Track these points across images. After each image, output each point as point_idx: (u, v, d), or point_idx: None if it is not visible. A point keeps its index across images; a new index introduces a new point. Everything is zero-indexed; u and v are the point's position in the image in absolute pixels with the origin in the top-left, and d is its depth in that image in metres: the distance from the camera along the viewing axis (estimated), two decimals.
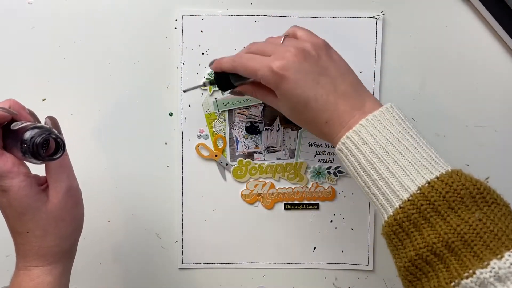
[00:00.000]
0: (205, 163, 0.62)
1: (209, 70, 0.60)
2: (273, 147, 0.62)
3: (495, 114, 0.63)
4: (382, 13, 0.60)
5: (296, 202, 0.62)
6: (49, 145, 0.41)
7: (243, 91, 0.53)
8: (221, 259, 0.63)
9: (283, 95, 0.46)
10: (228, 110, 0.61)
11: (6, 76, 0.60)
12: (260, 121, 0.61)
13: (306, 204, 0.62)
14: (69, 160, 0.45)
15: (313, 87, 0.45)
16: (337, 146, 0.45)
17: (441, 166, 0.41)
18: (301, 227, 0.63)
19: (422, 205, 0.39)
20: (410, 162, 0.41)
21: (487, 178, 0.46)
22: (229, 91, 0.55)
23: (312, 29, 0.60)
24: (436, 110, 0.62)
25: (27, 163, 0.43)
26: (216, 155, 0.61)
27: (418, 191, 0.39)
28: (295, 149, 0.62)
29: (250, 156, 0.62)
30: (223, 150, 0.62)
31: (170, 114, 0.61)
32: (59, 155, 0.41)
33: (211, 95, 0.61)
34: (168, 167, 0.62)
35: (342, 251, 0.63)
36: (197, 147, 0.61)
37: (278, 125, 0.62)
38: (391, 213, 0.41)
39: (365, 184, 0.44)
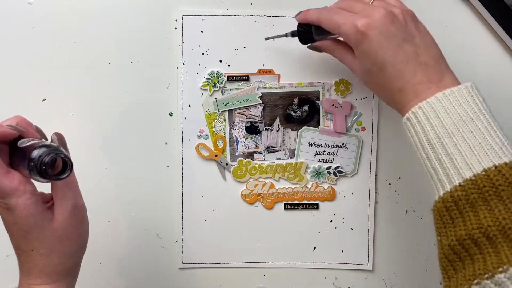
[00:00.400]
0: (205, 163, 0.62)
1: (209, 70, 0.60)
2: (273, 147, 0.62)
3: (495, 114, 0.62)
4: None
5: (296, 202, 0.62)
6: (55, 164, 0.40)
7: (322, 47, 0.53)
8: (221, 259, 0.63)
9: (362, 54, 0.45)
10: (228, 110, 0.61)
11: (6, 76, 0.60)
12: (260, 121, 0.61)
13: (306, 204, 0.63)
14: (75, 178, 0.45)
15: (394, 51, 0.44)
16: (406, 114, 0.44)
17: (510, 152, 0.39)
18: (301, 227, 0.63)
19: (484, 186, 0.38)
20: (480, 143, 0.39)
21: None
22: (309, 45, 0.55)
23: None
24: None
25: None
26: (216, 155, 0.62)
27: (483, 173, 0.38)
28: (295, 149, 0.62)
29: (250, 156, 0.62)
30: (223, 150, 0.62)
31: (170, 114, 0.61)
32: (66, 174, 0.41)
33: (211, 95, 0.61)
34: (168, 167, 0.62)
35: (342, 251, 0.63)
36: (197, 147, 0.61)
37: (278, 125, 0.62)
38: (448, 189, 0.40)
39: (426, 156, 0.42)
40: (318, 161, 0.62)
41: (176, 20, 0.60)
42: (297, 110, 0.61)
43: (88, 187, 0.60)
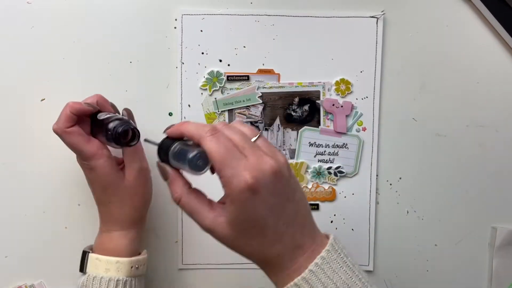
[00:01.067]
0: None
1: (208, 70, 0.60)
2: None
3: (495, 114, 0.62)
4: (382, 13, 0.60)
5: None
6: (127, 134, 0.50)
7: (171, 178, 0.44)
8: (221, 260, 0.63)
9: (242, 213, 0.38)
10: (228, 110, 0.61)
11: (6, 76, 0.59)
12: (260, 121, 0.61)
13: None
14: (141, 146, 0.54)
15: (277, 213, 0.39)
16: None
17: None
18: None
19: None
20: None
21: None
22: (159, 161, 0.45)
23: (313, 28, 0.60)
24: (436, 110, 0.62)
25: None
26: None
27: None
28: (295, 149, 0.62)
29: None
30: None
31: (170, 114, 0.61)
32: (135, 142, 0.50)
33: (211, 95, 0.60)
34: None
35: None
36: None
37: (278, 125, 0.61)
38: None
39: None
40: (318, 161, 0.62)
41: (176, 20, 0.60)
42: (297, 110, 0.61)
43: (88, 187, 0.60)
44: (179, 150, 0.42)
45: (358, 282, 0.40)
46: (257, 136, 0.41)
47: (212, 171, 0.41)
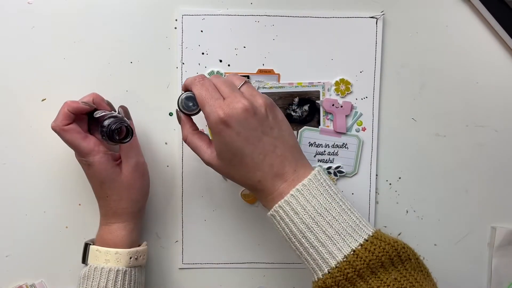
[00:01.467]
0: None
1: (209, 70, 0.60)
2: None
3: (495, 114, 0.63)
4: (382, 13, 0.60)
5: None
6: (121, 130, 0.52)
7: (183, 121, 0.53)
8: (221, 259, 0.63)
9: (222, 144, 0.47)
10: None
11: (6, 76, 0.60)
12: None
13: None
14: (137, 142, 0.57)
15: (253, 144, 0.46)
16: (269, 212, 0.48)
17: (364, 231, 0.46)
18: None
19: (348, 273, 0.44)
20: (337, 232, 0.45)
21: (399, 234, 0.61)
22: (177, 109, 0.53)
23: (313, 29, 0.61)
24: (437, 110, 0.62)
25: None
26: None
27: (344, 259, 0.44)
28: None
29: None
30: None
31: (170, 114, 0.61)
32: (128, 139, 0.52)
33: None
34: (168, 167, 0.62)
35: None
36: None
37: None
38: (321, 276, 0.45)
39: (296, 249, 0.47)
40: (318, 161, 0.62)
41: (176, 20, 0.60)
42: (297, 110, 0.61)
43: (88, 187, 0.60)
44: (182, 99, 0.51)
45: (337, 206, 0.46)
46: (242, 83, 0.49)
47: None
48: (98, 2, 0.59)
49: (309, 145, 0.62)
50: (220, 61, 0.60)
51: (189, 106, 0.51)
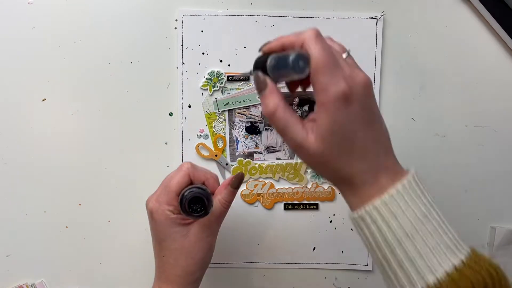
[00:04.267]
0: (205, 163, 0.62)
1: (209, 70, 0.60)
2: (273, 147, 0.62)
3: (495, 114, 0.63)
4: (382, 14, 0.60)
5: (296, 202, 0.62)
6: (196, 202, 0.47)
7: (267, 87, 0.42)
8: (221, 259, 0.63)
9: (337, 123, 0.38)
10: (228, 110, 0.61)
11: (6, 76, 0.60)
12: (260, 121, 0.61)
13: (305, 204, 0.63)
14: (217, 223, 0.51)
15: (367, 127, 0.39)
16: (358, 213, 0.39)
17: (462, 246, 0.38)
18: (300, 227, 0.63)
19: None
20: (437, 243, 0.37)
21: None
22: (253, 71, 0.45)
23: None
24: (436, 110, 0.62)
25: None
26: (216, 155, 0.61)
27: (447, 277, 0.37)
28: None
29: (250, 156, 0.62)
30: (223, 150, 0.62)
31: (170, 114, 0.61)
32: (200, 213, 0.47)
33: (211, 95, 0.61)
34: (168, 167, 0.62)
35: (342, 251, 0.63)
36: (197, 147, 0.61)
37: None
38: None
39: (384, 259, 0.39)
40: None
41: (176, 20, 0.60)
42: (297, 110, 0.61)
43: (88, 187, 0.60)
44: (278, 58, 0.40)
45: (436, 215, 0.38)
46: (347, 54, 0.41)
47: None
48: (98, 2, 0.59)
49: None
50: (220, 61, 0.60)
51: (300, 68, 0.38)
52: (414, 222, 0.38)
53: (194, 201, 0.47)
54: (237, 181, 0.51)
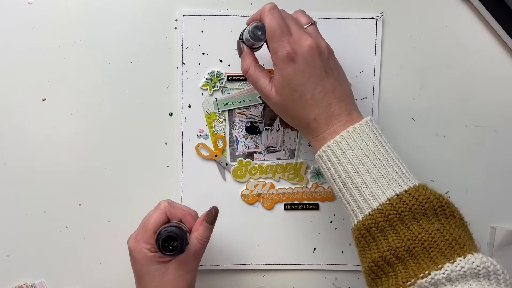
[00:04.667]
0: (205, 163, 0.62)
1: (209, 70, 0.60)
2: (273, 147, 0.62)
3: (495, 114, 0.63)
4: (382, 14, 0.60)
5: (296, 202, 0.62)
6: (170, 241, 0.48)
7: (245, 52, 0.53)
8: (221, 260, 0.63)
9: (285, 79, 0.48)
10: (228, 110, 0.61)
11: (6, 76, 0.60)
12: (260, 121, 0.61)
13: (306, 204, 0.62)
14: (195, 258, 0.52)
15: (315, 82, 0.48)
16: (317, 153, 0.49)
17: (410, 180, 0.45)
18: (301, 228, 0.63)
19: (389, 214, 0.44)
20: (382, 175, 0.45)
21: (446, 192, 0.56)
22: (239, 40, 0.54)
23: None
24: (436, 110, 0.62)
25: None
26: (216, 155, 0.61)
27: (387, 202, 0.44)
28: (295, 149, 0.62)
29: (250, 156, 0.62)
30: (223, 150, 0.62)
31: (170, 114, 0.61)
32: (173, 252, 0.48)
33: (211, 95, 0.61)
34: (168, 167, 0.62)
35: (342, 252, 0.63)
36: (197, 147, 0.61)
37: (278, 125, 0.62)
38: (361, 219, 0.45)
39: (339, 190, 0.48)
40: None
41: (176, 20, 0.60)
42: None
43: (88, 187, 0.60)
44: (251, 28, 0.50)
45: (385, 153, 0.46)
46: (309, 24, 0.51)
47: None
48: (98, 2, 0.60)
49: (309, 145, 0.62)
50: (221, 61, 0.60)
51: (257, 36, 0.50)
52: (361, 157, 0.46)
53: (170, 240, 0.48)
54: (212, 216, 0.52)
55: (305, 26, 0.51)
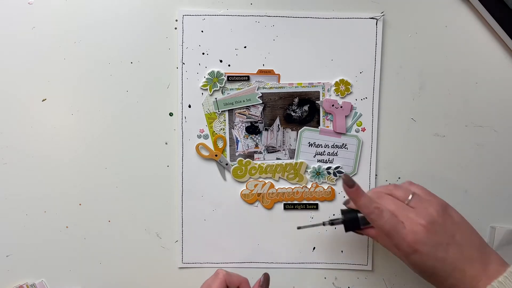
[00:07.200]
0: (205, 163, 0.62)
1: (209, 70, 0.60)
2: (273, 147, 0.62)
3: (494, 114, 0.63)
4: (382, 14, 0.60)
5: (296, 202, 0.62)
6: None
7: (368, 234, 0.54)
8: (221, 259, 0.63)
9: (411, 264, 0.48)
10: (228, 110, 0.61)
11: (6, 76, 0.60)
12: (260, 121, 0.62)
13: (305, 204, 0.63)
14: None
15: (442, 259, 0.47)
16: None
17: None
18: None
19: None
20: None
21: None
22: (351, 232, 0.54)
23: (313, 29, 0.60)
24: (436, 110, 0.62)
25: None
26: (216, 155, 0.62)
27: None
28: (295, 149, 0.62)
29: (250, 156, 0.62)
30: (223, 150, 0.62)
31: (170, 114, 0.61)
32: None
33: (211, 95, 0.61)
34: (168, 167, 0.62)
35: (342, 251, 0.63)
36: (197, 147, 0.61)
37: (278, 125, 0.62)
38: None
39: None
40: (318, 161, 0.62)
41: (176, 20, 0.60)
42: (297, 110, 0.61)
43: (88, 187, 0.60)
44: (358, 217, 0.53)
45: None
46: (410, 197, 0.50)
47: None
48: (98, 2, 0.60)
49: (309, 145, 0.62)
50: (221, 61, 0.60)
51: (365, 223, 0.52)
52: None
53: None
54: (266, 282, 0.55)
55: (406, 202, 0.49)
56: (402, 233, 0.47)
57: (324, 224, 0.56)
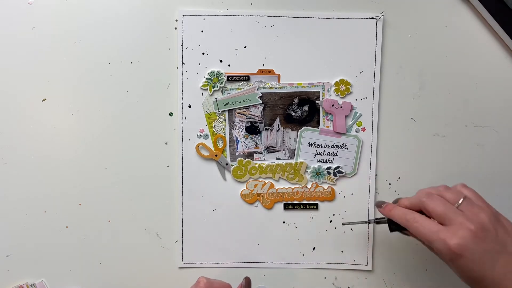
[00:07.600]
0: (205, 163, 0.62)
1: (209, 70, 0.60)
2: (273, 147, 0.62)
3: (494, 114, 0.63)
4: (382, 14, 0.60)
5: (296, 202, 0.62)
6: None
7: (411, 235, 0.52)
8: (221, 259, 0.63)
9: (457, 269, 0.46)
10: (228, 110, 0.61)
11: (6, 76, 0.60)
12: (260, 121, 0.62)
13: (305, 204, 0.63)
14: None
15: (491, 266, 0.45)
16: None
17: None
18: (300, 227, 0.63)
19: None
20: None
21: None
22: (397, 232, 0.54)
23: (313, 29, 0.60)
24: (436, 110, 0.62)
25: None
26: (216, 155, 0.62)
27: None
28: (295, 149, 0.62)
29: (250, 156, 0.62)
30: (223, 150, 0.62)
31: (170, 114, 0.61)
32: None
33: (211, 95, 0.61)
34: (168, 167, 0.62)
35: (342, 251, 0.63)
36: (197, 147, 0.61)
37: (278, 125, 0.62)
38: None
39: None
40: (318, 161, 0.62)
41: (176, 20, 0.60)
42: (297, 110, 0.61)
43: (88, 187, 0.60)
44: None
45: None
46: (460, 200, 0.48)
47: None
48: (98, 2, 0.60)
49: (309, 145, 0.62)
50: (221, 61, 0.60)
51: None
52: None
53: None
54: (247, 285, 0.54)
55: (456, 205, 0.48)
56: (444, 235, 0.45)
57: (369, 222, 0.56)
